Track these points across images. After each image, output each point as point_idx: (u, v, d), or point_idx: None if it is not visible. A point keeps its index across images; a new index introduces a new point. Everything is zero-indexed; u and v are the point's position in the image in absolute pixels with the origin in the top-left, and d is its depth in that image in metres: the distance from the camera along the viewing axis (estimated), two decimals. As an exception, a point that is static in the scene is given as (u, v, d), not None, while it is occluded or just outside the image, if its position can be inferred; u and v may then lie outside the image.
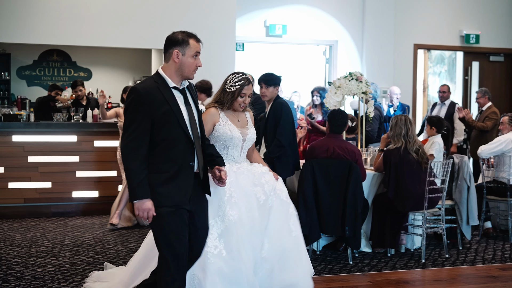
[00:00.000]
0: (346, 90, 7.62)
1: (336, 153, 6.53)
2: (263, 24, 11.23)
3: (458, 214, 7.30)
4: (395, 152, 6.75)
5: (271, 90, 6.59)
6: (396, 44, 11.74)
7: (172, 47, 4.01)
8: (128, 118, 3.89)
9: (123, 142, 3.88)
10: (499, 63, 12.78)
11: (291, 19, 11.28)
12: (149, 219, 3.89)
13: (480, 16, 12.41)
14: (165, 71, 4.01)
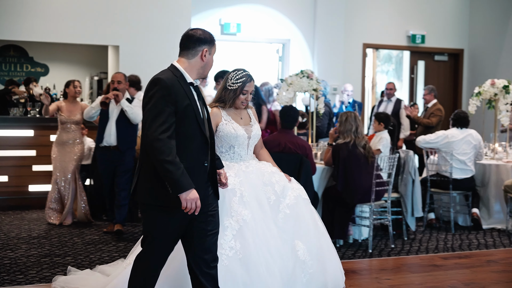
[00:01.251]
0: (298, 87, 7.67)
1: (288, 147, 6.57)
2: (218, 22, 11.21)
3: (403, 206, 7.42)
4: (344, 146, 6.82)
5: (222, 85, 6.65)
6: (346, 43, 11.85)
7: (202, 44, 3.82)
8: (154, 108, 3.59)
9: (152, 134, 3.55)
10: (443, 62, 13.01)
11: (245, 18, 11.29)
12: (197, 210, 3.60)
13: (426, 18, 12.61)
14: (183, 66, 3.82)
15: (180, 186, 3.53)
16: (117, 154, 7.16)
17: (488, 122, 10.52)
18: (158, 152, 3.53)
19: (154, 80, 3.67)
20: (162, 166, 3.53)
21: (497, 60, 12.14)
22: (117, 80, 7.17)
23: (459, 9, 12.83)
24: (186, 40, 3.83)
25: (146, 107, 3.64)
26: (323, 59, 11.60)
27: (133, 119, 7.10)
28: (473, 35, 12.81)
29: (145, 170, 3.72)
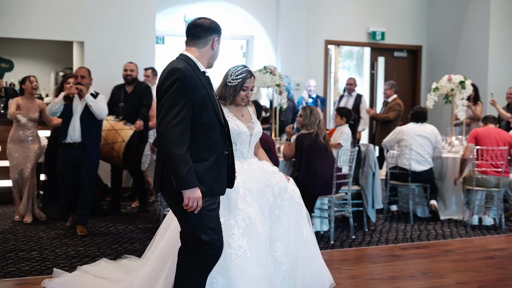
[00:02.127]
0: (261, 83, 7.68)
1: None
2: (183, 19, 11.14)
3: (364, 199, 7.49)
4: (308, 136, 6.85)
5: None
6: (308, 39, 11.88)
7: (213, 34, 3.73)
8: (170, 99, 3.46)
9: (165, 125, 3.43)
10: (402, 59, 13.14)
11: (210, 14, 11.22)
12: (197, 209, 3.49)
13: (386, 15, 12.72)
14: (195, 55, 3.70)
15: (186, 182, 3.42)
16: (82, 151, 6.89)
17: (445, 116, 10.69)
18: (168, 144, 3.42)
19: (171, 69, 3.54)
20: (170, 159, 3.42)
21: (453, 57, 12.31)
22: (80, 75, 6.93)
23: (418, 7, 12.97)
24: (196, 29, 3.71)
25: (164, 96, 3.50)
26: (286, 55, 11.62)
27: (98, 114, 6.89)
28: (431, 33, 12.97)
29: None
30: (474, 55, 11.81)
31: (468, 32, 12.00)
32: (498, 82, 11.33)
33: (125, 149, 7.61)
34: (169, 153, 3.42)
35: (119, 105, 8.05)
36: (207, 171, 3.58)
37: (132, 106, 8.08)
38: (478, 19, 11.73)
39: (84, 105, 6.89)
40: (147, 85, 8.36)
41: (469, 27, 11.96)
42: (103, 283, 4.77)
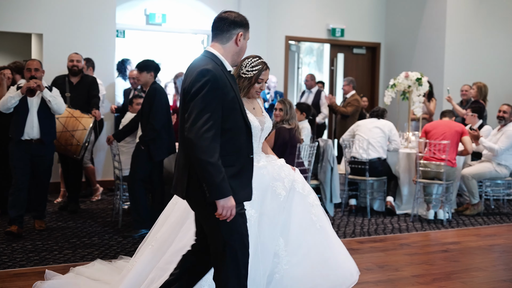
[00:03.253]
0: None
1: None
2: (143, 12, 11.02)
3: (322, 193, 7.53)
4: (287, 131, 6.85)
5: (144, 75, 6.60)
6: (269, 35, 11.87)
7: (237, 28, 3.46)
8: (201, 103, 3.21)
9: (197, 131, 3.17)
10: (361, 55, 13.24)
11: (170, 8, 11.14)
12: (230, 218, 3.27)
13: (345, 12, 12.78)
14: (220, 53, 3.45)
15: (220, 191, 3.20)
16: (39, 147, 6.57)
17: (402, 112, 10.81)
18: (200, 151, 3.17)
19: (202, 71, 3.27)
20: (203, 167, 3.18)
21: (411, 54, 12.45)
22: (34, 68, 6.57)
23: (377, 4, 13.07)
24: (219, 23, 3.47)
25: (193, 99, 3.23)
26: (247, 50, 11.53)
27: (57, 109, 6.56)
28: (389, 30, 13.09)
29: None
30: (431, 53, 11.97)
31: (425, 30, 12.15)
32: (453, 79, 11.51)
33: (86, 137, 7.36)
34: (201, 161, 3.17)
35: (65, 95, 7.79)
36: (234, 177, 3.35)
37: (79, 97, 7.89)
38: (435, 17, 11.88)
39: (40, 100, 6.55)
40: (93, 76, 8.25)
41: (426, 25, 12.11)
42: (98, 286, 4.64)
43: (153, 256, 4.31)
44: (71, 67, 7.98)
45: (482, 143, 8.29)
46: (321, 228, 4.45)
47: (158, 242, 4.34)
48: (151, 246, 4.37)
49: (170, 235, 4.31)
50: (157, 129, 6.48)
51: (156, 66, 6.67)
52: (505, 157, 8.31)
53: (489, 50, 12.10)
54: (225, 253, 3.37)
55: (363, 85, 13.16)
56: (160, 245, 4.32)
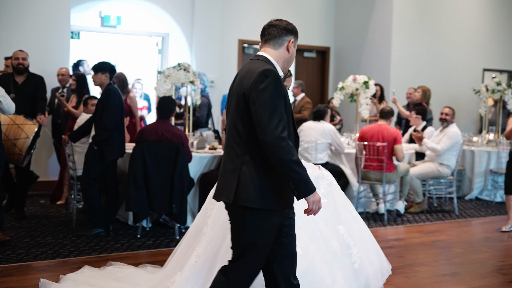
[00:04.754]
0: (175, 79, 7.62)
1: (165, 136, 6.53)
2: (98, 14, 10.88)
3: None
4: None
5: (100, 76, 6.54)
6: (222, 38, 11.87)
7: (289, 35, 3.37)
8: (270, 103, 3.11)
9: (272, 133, 3.06)
10: (311, 59, 13.35)
11: (125, 11, 11.04)
12: (317, 212, 3.24)
13: (296, 17, 12.86)
14: (273, 57, 3.36)
15: (309, 188, 3.15)
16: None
17: (351, 114, 10.96)
18: (283, 152, 3.06)
19: (264, 71, 3.17)
20: (288, 167, 3.08)
21: (359, 58, 12.62)
22: None
23: (326, 10, 13.20)
24: (271, 29, 3.38)
25: (259, 101, 3.12)
26: (201, 53, 11.56)
27: (8, 110, 6.10)
28: (339, 35, 13.24)
29: (248, 171, 3.20)
30: (378, 57, 12.15)
31: (372, 34, 12.34)
32: (399, 82, 11.71)
33: (29, 146, 6.94)
34: (285, 161, 3.07)
35: (10, 96, 7.01)
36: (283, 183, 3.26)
37: (25, 98, 7.33)
38: (382, 22, 12.08)
39: None
40: (40, 76, 7.66)
41: (374, 30, 12.30)
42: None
43: (199, 272, 4.17)
44: (16, 65, 7.43)
45: (425, 144, 8.46)
46: (357, 217, 4.65)
47: (202, 258, 4.18)
48: (194, 262, 4.20)
49: (212, 249, 4.16)
50: (109, 129, 6.43)
51: (111, 67, 6.62)
52: (447, 157, 8.49)
53: (433, 54, 12.36)
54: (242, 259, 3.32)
55: (313, 87, 13.28)
56: (205, 260, 4.17)
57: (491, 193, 9.66)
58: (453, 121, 8.68)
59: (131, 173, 6.39)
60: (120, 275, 4.84)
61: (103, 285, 4.62)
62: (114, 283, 4.66)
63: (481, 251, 6.49)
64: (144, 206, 6.42)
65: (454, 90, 12.60)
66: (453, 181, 8.63)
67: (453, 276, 5.51)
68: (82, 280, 4.71)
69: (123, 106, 6.73)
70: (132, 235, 6.63)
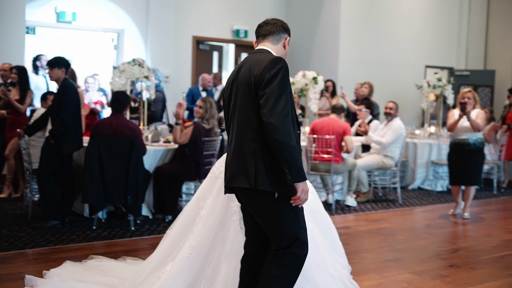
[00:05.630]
0: (130, 74, 7.54)
1: (119, 130, 6.48)
2: (54, 10, 10.68)
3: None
4: (203, 130, 6.87)
5: (56, 71, 6.43)
6: (176, 35, 11.80)
7: (285, 32, 3.46)
8: (278, 89, 3.12)
9: (278, 115, 3.07)
10: (263, 55, 13.38)
11: (81, 7, 10.87)
12: (302, 203, 3.19)
13: (249, 14, 12.88)
14: (273, 52, 3.39)
15: (302, 174, 3.12)
16: None
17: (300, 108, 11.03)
18: (284, 135, 3.07)
19: (275, 58, 3.20)
20: (287, 151, 3.07)
21: (308, 54, 12.72)
22: None
23: (277, 8, 13.25)
24: (269, 26, 3.44)
25: (269, 85, 3.13)
26: (155, 49, 11.47)
27: None
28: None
29: (263, 156, 3.18)
30: (327, 53, 12.27)
31: (321, 32, 12.44)
32: (347, 78, 11.86)
33: None
34: (285, 144, 3.07)
35: None
36: None
37: None
38: (330, 21, 12.19)
39: None
40: None
41: (323, 28, 12.41)
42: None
43: (193, 264, 4.03)
44: None
45: (371, 138, 8.60)
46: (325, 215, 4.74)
47: (197, 251, 4.04)
48: (188, 254, 4.05)
49: (207, 241, 4.04)
50: (66, 124, 6.34)
51: (67, 62, 6.52)
52: (391, 149, 8.64)
53: (378, 52, 12.56)
54: (291, 247, 3.26)
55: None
56: (199, 253, 4.03)
57: (432, 183, 9.88)
58: (397, 115, 8.83)
59: (87, 166, 6.31)
60: (104, 269, 4.72)
61: (90, 280, 4.49)
62: (100, 277, 4.53)
63: (422, 237, 6.64)
64: (100, 198, 6.35)
65: (398, 85, 12.83)
66: (397, 172, 8.79)
67: (396, 261, 5.63)
68: (68, 275, 4.57)
69: (79, 100, 6.64)
70: (87, 227, 6.56)
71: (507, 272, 5.36)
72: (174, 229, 4.41)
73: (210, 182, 4.23)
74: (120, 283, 4.42)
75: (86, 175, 6.28)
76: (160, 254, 4.37)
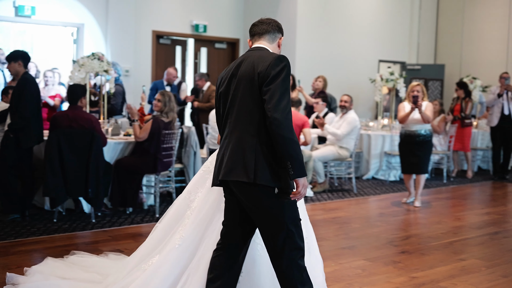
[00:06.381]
0: (89, 68, 7.43)
1: (75, 122, 6.38)
2: (12, 4, 10.43)
3: (186, 175, 7.55)
4: (162, 123, 6.80)
5: (13, 65, 6.31)
6: (136, 29, 11.67)
7: (280, 33, 3.51)
8: (282, 85, 3.14)
9: (283, 111, 3.08)
10: (222, 50, 13.35)
11: (40, 1, 10.63)
12: (300, 197, 3.18)
13: (208, 9, 12.82)
14: (270, 50, 3.42)
15: (303, 169, 3.12)
16: None
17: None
18: (288, 130, 3.07)
19: (280, 56, 3.21)
20: (290, 146, 3.07)
21: (267, 49, 12.71)
22: None
23: (235, 3, 13.21)
24: (264, 25, 3.48)
25: (273, 82, 3.13)
26: (115, 43, 11.31)
27: None
28: (247, 27, 13.23)
29: (263, 151, 3.16)
30: (284, 48, 12.28)
31: (279, 28, 12.45)
32: (304, 72, 11.91)
33: None
34: (288, 139, 3.07)
35: None
36: None
37: None
38: (287, 16, 12.22)
39: None
40: None
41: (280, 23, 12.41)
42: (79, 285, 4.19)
43: (181, 255, 3.87)
44: None
45: (327, 129, 8.67)
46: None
47: (187, 242, 3.88)
48: (178, 245, 3.88)
49: (198, 233, 3.89)
50: (26, 117, 6.20)
51: (23, 54, 6.37)
52: (346, 141, 8.74)
53: (334, 47, 12.66)
54: (288, 239, 3.23)
55: (225, 77, 13.26)
56: (189, 244, 3.87)
57: (385, 173, 10.03)
58: (352, 108, 8.92)
59: (47, 159, 6.19)
60: (85, 264, 4.56)
61: (73, 276, 4.33)
62: (82, 273, 4.37)
63: (376, 225, 6.74)
64: (60, 191, 6.24)
65: (353, 79, 12.97)
66: (352, 163, 8.89)
67: (351, 249, 5.70)
68: (49, 272, 4.39)
69: (39, 94, 6.51)
70: (48, 220, 6.45)
71: (455, 257, 5.48)
72: (163, 222, 4.25)
73: (202, 175, 4.09)
74: (103, 278, 4.28)
75: (47, 168, 6.17)
76: (146, 247, 4.20)
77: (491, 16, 13.79)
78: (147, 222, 6.51)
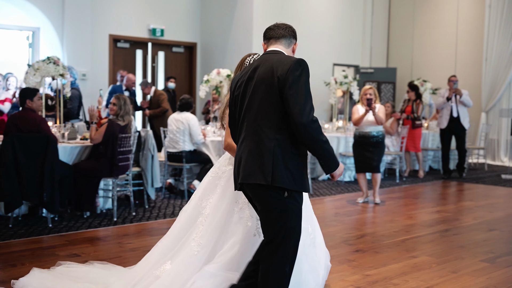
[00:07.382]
0: (45, 72, 7.28)
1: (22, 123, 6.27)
2: (-35, 8, 10.17)
3: (144, 179, 7.47)
4: (118, 127, 6.72)
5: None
6: (93, 33, 11.51)
7: (295, 38, 3.48)
8: (304, 89, 3.15)
9: (308, 115, 3.08)
10: (180, 54, 13.28)
11: (-6, 5, 10.40)
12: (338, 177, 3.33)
13: (165, 14, 12.74)
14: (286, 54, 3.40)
15: (336, 163, 3.24)
16: None
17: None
18: (317, 133, 3.11)
19: (299, 60, 3.21)
20: (322, 147, 3.15)
21: (223, 53, 12.72)
22: None
23: (192, 8, 13.17)
24: (281, 30, 3.44)
25: (295, 86, 3.13)
26: (72, 47, 11.13)
27: None
28: (204, 31, 13.25)
29: (281, 154, 3.15)
30: (241, 52, 12.28)
31: (235, 31, 12.47)
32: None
33: None
34: (319, 141, 3.13)
35: None
36: (305, 166, 3.30)
37: None
38: (243, 20, 12.24)
39: None
40: None
41: (236, 27, 12.44)
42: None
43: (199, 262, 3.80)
44: None
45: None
46: None
47: (204, 249, 3.82)
48: (196, 252, 3.80)
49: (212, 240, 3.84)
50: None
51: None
52: (302, 143, 8.76)
53: (289, 51, 12.71)
54: (282, 246, 3.22)
55: (182, 80, 13.21)
56: (206, 251, 3.82)
57: (340, 174, 10.11)
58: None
59: (2, 164, 6.03)
60: (75, 275, 4.36)
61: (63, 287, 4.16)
62: (73, 284, 4.18)
63: (332, 225, 6.79)
64: (16, 195, 6.09)
65: (309, 82, 13.04)
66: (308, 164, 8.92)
67: (306, 248, 5.71)
68: (38, 284, 4.19)
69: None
70: (4, 225, 6.28)
71: (407, 255, 5.56)
72: (175, 228, 4.12)
73: (212, 182, 4.02)
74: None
75: (1, 172, 6.01)
76: (158, 253, 4.06)
77: (440, 21, 14.09)
78: (105, 226, 6.41)
